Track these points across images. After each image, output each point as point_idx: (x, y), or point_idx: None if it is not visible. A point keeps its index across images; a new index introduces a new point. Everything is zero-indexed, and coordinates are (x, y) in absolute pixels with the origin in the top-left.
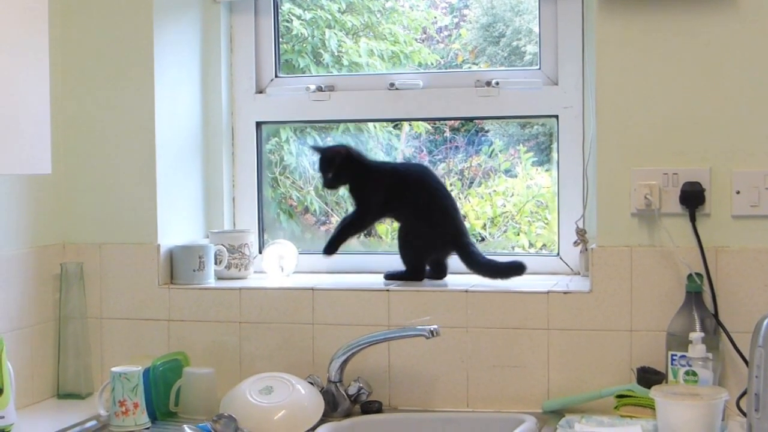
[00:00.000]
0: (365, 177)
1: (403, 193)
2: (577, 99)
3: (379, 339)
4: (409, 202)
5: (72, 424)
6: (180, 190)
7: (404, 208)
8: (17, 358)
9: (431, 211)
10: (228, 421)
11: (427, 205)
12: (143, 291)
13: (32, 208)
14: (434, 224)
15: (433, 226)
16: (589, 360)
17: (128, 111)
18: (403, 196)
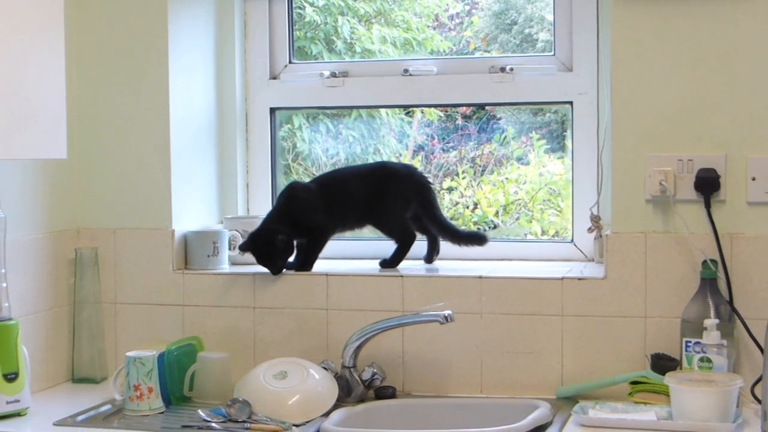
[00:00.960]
0: (303, 220)
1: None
2: (591, 85)
3: (393, 324)
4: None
5: (87, 408)
6: (194, 176)
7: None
8: (32, 342)
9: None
10: (242, 405)
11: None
12: (157, 276)
13: (47, 194)
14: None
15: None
16: (603, 346)
17: (143, 97)
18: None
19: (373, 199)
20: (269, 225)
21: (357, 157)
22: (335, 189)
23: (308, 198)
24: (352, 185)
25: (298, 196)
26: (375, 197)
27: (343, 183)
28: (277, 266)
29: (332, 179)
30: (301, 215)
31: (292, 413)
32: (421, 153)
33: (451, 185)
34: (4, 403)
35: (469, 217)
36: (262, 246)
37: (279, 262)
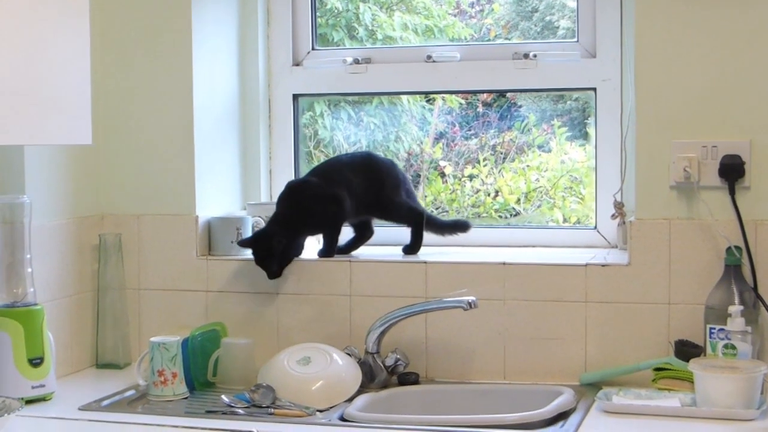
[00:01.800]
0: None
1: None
2: (615, 71)
3: (416, 310)
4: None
5: (111, 393)
6: (218, 162)
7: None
8: (56, 328)
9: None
10: (266, 391)
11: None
12: (181, 262)
13: (72, 180)
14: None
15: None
16: (626, 333)
17: (167, 83)
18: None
19: (373, 189)
20: (270, 228)
21: (378, 144)
22: (335, 180)
23: (310, 192)
24: (348, 175)
25: (300, 193)
26: (374, 187)
27: (340, 173)
28: (273, 270)
29: (329, 170)
30: (310, 211)
31: (315, 399)
32: (443, 140)
33: (472, 173)
34: (29, 387)
35: (490, 204)
36: (260, 248)
37: (275, 266)
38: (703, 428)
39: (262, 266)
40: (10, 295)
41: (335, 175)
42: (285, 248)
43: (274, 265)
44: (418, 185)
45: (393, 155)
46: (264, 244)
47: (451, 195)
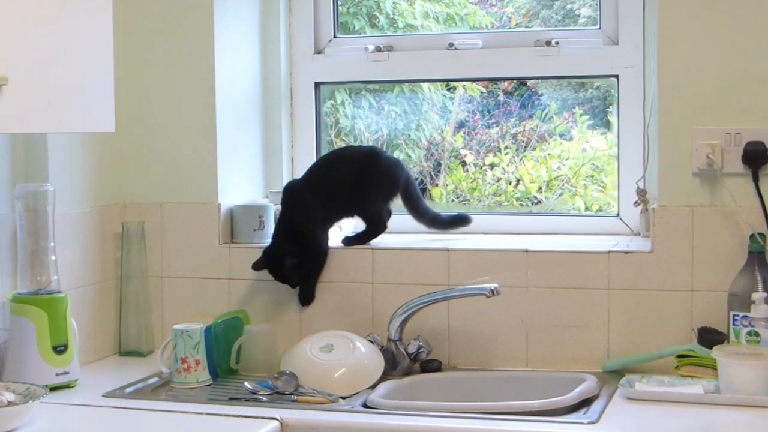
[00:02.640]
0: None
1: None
2: (637, 59)
3: (439, 298)
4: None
5: (134, 381)
6: (240, 150)
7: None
8: (80, 315)
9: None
10: (289, 378)
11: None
12: (204, 250)
13: (94, 168)
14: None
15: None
16: (649, 320)
17: (189, 71)
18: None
19: (360, 189)
20: (277, 246)
21: (399, 132)
22: (325, 183)
23: (305, 206)
24: (340, 175)
25: (293, 201)
26: (363, 184)
27: (333, 175)
28: (292, 283)
29: (322, 174)
30: (300, 226)
31: (338, 386)
32: (463, 129)
33: (493, 161)
34: (53, 374)
35: (511, 193)
36: (275, 268)
37: (293, 280)
38: (726, 415)
39: (283, 282)
40: (34, 282)
41: (327, 178)
42: (296, 265)
43: (292, 279)
44: (439, 174)
45: (414, 144)
46: (276, 265)
47: (472, 184)
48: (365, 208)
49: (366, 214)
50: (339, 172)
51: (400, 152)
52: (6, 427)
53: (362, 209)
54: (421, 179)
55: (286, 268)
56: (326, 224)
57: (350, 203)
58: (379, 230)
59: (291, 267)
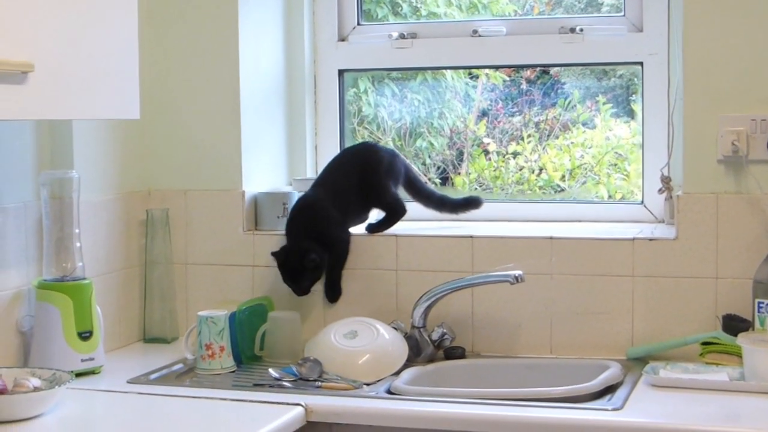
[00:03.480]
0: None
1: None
2: (662, 46)
3: (463, 285)
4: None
5: (159, 367)
6: (264, 138)
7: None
8: (104, 302)
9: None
10: (313, 364)
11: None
12: (228, 237)
13: (119, 155)
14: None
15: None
16: (674, 307)
17: (213, 59)
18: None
19: (369, 183)
20: (301, 242)
21: (422, 120)
22: (339, 192)
23: (327, 212)
24: (347, 179)
25: (318, 212)
26: (370, 178)
27: (341, 180)
28: (302, 287)
29: (331, 181)
30: (324, 232)
31: (362, 372)
32: (486, 117)
33: (516, 150)
34: (78, 361)
35: (534, 181)
36: (293, 264)
37: (305, 283)
38: (751, 403)
39: (291, 284)
40: (60, 269)
41: (337, 185)
42: (316, 265)
43: (305, 281)
44: (462, 162)
45: (436, 132)
46: (296, 260)
47: (494, 172)
48: (380, 198)
49: (383, 202)
50: (344, 176)
51: (422, 140)
52: (32, 413)
53: (378, 200)
54: (444, 168)
55: (307, 263)
56: (347, 225)
57: (365, 200)
58: (399, 213)
59: (311, 263)
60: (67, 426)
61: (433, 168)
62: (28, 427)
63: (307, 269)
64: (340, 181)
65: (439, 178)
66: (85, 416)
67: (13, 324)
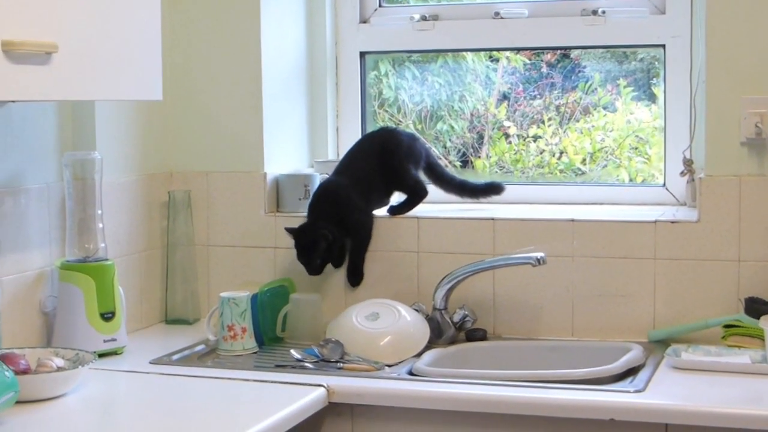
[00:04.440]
0: (346, 218)
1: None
2: (685, 28)
3: (484, 267)
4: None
5: (181, 348)
6: (285, 120)
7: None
8: (126, 283)
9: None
10: (335, 346)
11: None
12: (249, 219)
13: (141, 137)
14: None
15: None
16: (695, 290)
17: (235, 40)
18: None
19: (390, 166)
20: (319, 222)
21: (443, 103)
22: (361, 177)
23: (349, 197)
24: (370, 160)
25: (341, 197)
26: (390, 163)
27: (362, 166)
28: (314, 266)
29: (353, 167)
30: (346, 217)
31: (384, 354)
32: (506, 101)
33: (537, 133)
34: (101, 341)
35: (555, 165)
36: (307, 241)
37: (318, 261)
38: None
39: (304, 262)
40: (82, 250)
41: (359, 171)
42: (330, 245)
43: (317, 259)
44: (482, 146)
45: (457, 115)
46: (311, 237)
47: (515, 156)
48: (402, 181)
49: (404, 185)
50: (365, 160)
51: (443, 123)
52: (55, 392)
53: (399, 183)
54: (464, 151)
55: (321, 243)
56: (370, 209)
57: (386, 183)
58: (421, 194)
59: (325, 243)
60: (90, 406)
61: (454, 151)
62: (52, 406)
63: (319, 246)
64: (361, 166)
65: (459, 162)
66: (108, 396)
67: (36, 304)
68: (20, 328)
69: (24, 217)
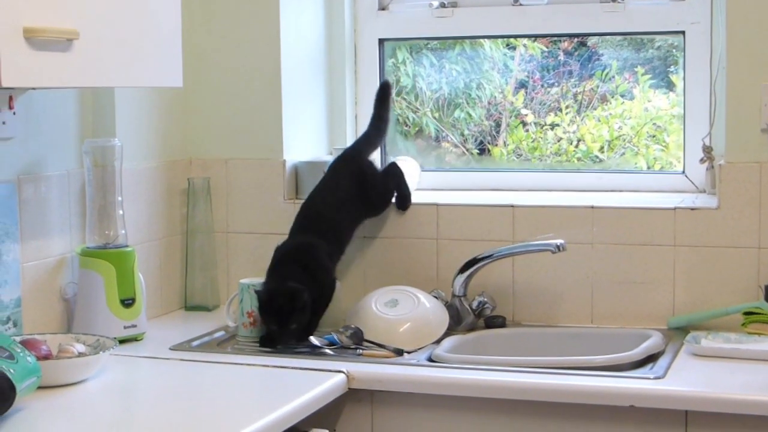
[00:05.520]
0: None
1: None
2: (704, 14)
3: (504, 253)
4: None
5: (201, 334)
6: (304, 107)
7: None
8: (146, 270)
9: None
10: (354, 332)
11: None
12: (269, 206)
13: (161, 124)
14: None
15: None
16: (715, 277)
17: (255, 27)
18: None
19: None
20: (290, 280)
21: (460, 91)
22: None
23: (322, 254)
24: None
25: (320, 257)
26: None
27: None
28: (287, 334)
29: (320, 217)
30: (317, 276)
31: (403, 340)
32: (523, 89)
33: (554, 121)
34: (121, 327)
35: (572, 152)
36: (282, 305)
37: (291, 326)
38: None
39: (277, 328)
40: (102, 236)
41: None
42: (305, 306)
43: (291, 324)
44: (499, 133)
45: (474, 103)
46: (287, 299)
47: (532, 143)
48: (376, 205)
49: (379, 205)
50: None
51: (460, 111)
52: (76, 378)
53: (374, 208)
54: (481, 139)
55: (298, 304)
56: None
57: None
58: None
59: (303, 304)
60: (110, 391)
61: (471, 139)
62: (73, 391)
63: (297, 310)
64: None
65: (477, 149)
66: (129, 382)
67: (56, 291)
68: (41, 315)
69: (44, 204)
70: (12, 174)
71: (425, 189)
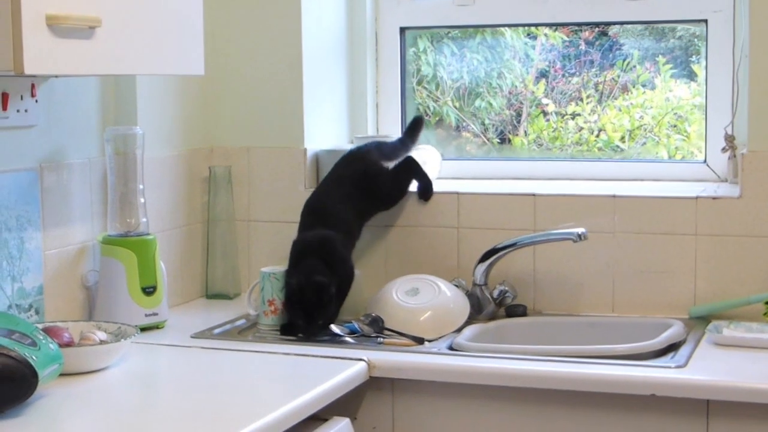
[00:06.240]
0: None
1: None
2: (727, 2)
3: (525, 242)
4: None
5: (222, 322)
6: (326, 95)
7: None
8: (167, 258)
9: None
10: (375, 320)
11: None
12: (290, 194)
13: (182, 112)
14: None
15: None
16: (737, 266)
17: (276, 16)
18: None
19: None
20: (317, 274)
21: (481, 80)
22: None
23: (338, 245)
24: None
25: (338, 249)
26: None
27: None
28: (314, 327)
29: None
30: (337, 268)
31: (424, 329)
32: (544, 79)
33: (575, 110)
34: (142, 315)
35: (593, 142)
36: (311, 297)
37: (320, 320)
38: None
39: (304, 321)
40: (124, 224)
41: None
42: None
43: (320, 318)
44: (520, 123)
45: (495, 92)
46: (314, 293)
47: (553, 133)
48: (385, 202)
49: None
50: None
51: (481, 100)
52: (98, 365)
53: (383, 205)
54: (502, 128)
55: (325, 298)
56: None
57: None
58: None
59: (329, 298)
60: (132, 379)
61: (492, 128)
62: (95, 379)
63: (324, 304)
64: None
65: (497, 139)
66: (150, 369)
67: (78, 278)
68: (63, 302)
69: (66, 192)
70: (34, 162)
71: (446, 178)
